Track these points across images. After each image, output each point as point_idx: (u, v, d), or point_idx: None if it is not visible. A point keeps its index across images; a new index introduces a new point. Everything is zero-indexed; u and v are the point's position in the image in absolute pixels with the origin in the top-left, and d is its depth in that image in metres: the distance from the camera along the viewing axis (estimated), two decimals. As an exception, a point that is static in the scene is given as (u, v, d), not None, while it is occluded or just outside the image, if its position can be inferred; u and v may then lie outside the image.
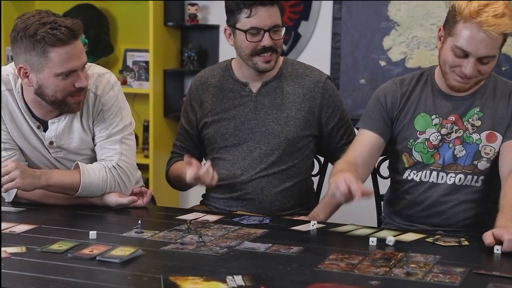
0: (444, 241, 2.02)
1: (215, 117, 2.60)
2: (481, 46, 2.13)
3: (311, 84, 2.58)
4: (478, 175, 2.28)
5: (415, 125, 2.33)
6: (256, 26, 2.45)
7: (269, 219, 2.27)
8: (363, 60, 4.05)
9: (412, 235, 2.08)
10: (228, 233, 2.07)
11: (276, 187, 2.57)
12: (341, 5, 4.09)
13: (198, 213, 2.33)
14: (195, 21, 4.32)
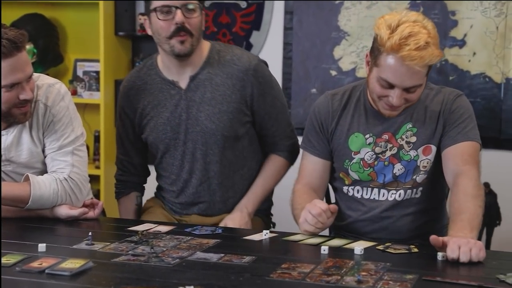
0: (394, 249, 2.04)
1: (150, 122, 2.56)
2: (405, 78, 2.12)
3: (239, 73, 2.49)
4: (417, 188, 2.31)
5: (349, 145, 2.34)
6: (167, 4, 2.37)
7: (222, 229, 2.27)
8: (314, 70, 4.08)
9: (363, 243, 2.10)
10: (180, 243, 2.06)
11: (227, 186, 2.56)
12: (292, 15, 4.12)
13: (149, 224, 2.32)
14: (146, 31, 4.29)
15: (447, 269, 1.88)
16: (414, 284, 1.72)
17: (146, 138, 2.59)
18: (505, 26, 3.68)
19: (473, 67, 3.76)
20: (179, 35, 2.40)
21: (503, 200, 3.58)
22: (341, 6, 4.00)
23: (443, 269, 1.89)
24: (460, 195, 2.11)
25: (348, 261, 1.89)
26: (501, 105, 3.72)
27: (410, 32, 2.08)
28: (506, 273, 1.79)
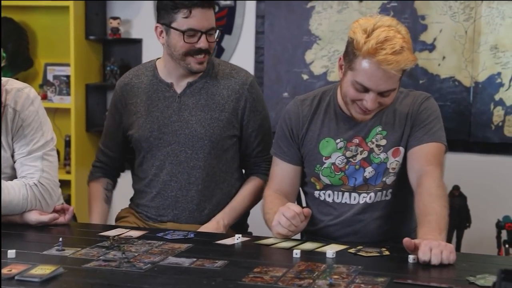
0: (366, 252, 2.05)
1: (139, 119, 2.58)
2: (381, 82, 2.14)
3: (236, 85, 2.57)
4: (387, 190, 2.33)
5: (320, 150, 2.34)
6: (194, 28, 2.45)
7: (194, 234, 2.26)
8: (286, 74, 4.09)
9: (334, 246, 2.10)
10: (152, 248, 2.05)
11: (206, 196, 2.57)
12: (264, 19, 4.13)
13: (121, 229, 2.30)
14: (117, 35, 4.28)
15: (418, 272, 1.90)
16: (385, 287, 1.73)
17: (131, 135, 2.61)
18: (473, 30, 3.72)
19: (442, 71, 3.80)
20: (199, 56, 2.49)
21: (472, 203, 3.62)
22: (312, 10, 4.01)
23: (414, 272, 1.90)
24: (425, 195, 2.13)
25: (320, 265, 1.90)
26: (470, 109, 3.76)
27: (386, 37, 2.10)
28: (475, 275, 1.81)
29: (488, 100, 3.73)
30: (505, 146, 3.73)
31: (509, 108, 3.70)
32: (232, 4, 4.20)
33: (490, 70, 3.72)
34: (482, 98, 3.74)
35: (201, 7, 2.44)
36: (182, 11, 2.44)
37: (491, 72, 3.72)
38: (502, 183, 3.71)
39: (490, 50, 3.71)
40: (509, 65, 3.68)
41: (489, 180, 3.75)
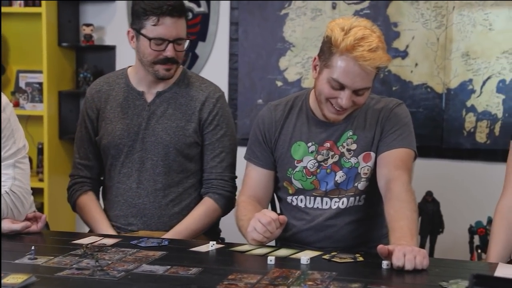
0: (340, 258, 2.06)
1: (109, 125, 2.58)
2: (357, 79, 2.17)
3: (203, 97, 2.59)
4: (359, 195, 2.34)
5: (292, 154, 2.36)
6: (162, 37, 2.45)
7: (168, 241, 2.25)
8: (260, 81, 4.10)
9: (309, 252, 2.11)
10: (126, 256, 2.04)
11: (173, 200, 2.56)
12: (238, 26, 4.13)
13: (94, 237, 2.29)
14: (90, 41, 4.25)
15: (392, 277, 1.90)
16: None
17: (99, 140, 2.60)
18: (445, 37, 3.76)
19: (415, 78, 3.83)
20: (166, 64, 2.50)
21: (445, 208, 3.65)
22: (286, 17, 4.03)
23: (388, 277, 1.91)
24: (395, 201, 2.14)
25: (294, 271, 1.90)
26: (443, 115, 3.79)
27: (363, 35, 2.15)
28: (448, 280, 1.82)
29: (460, 106, 3.77)
30: (477, 152, 3.77)
31: (481, 115, 3.74)
32: (206, 11, 4.20)
33: (461, 77, 3.76)
34: (454, 104, 3.78)
35: (170, 16, 2.44)
36: (151, 18, 2.44)
37: (462, 78, 3.76)
38: (474, 189, 3.74)
39: (461, 57, 3.75)
40: (480, 72, 3.72)
41: (462, 186, 3.78)
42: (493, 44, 3.69)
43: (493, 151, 3.72)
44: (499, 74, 3.70)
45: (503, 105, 3.70)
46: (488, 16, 3.69)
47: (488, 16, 3.69)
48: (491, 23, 3.69)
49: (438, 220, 3.63)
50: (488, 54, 3.71)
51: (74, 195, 2.65)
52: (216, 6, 4.18)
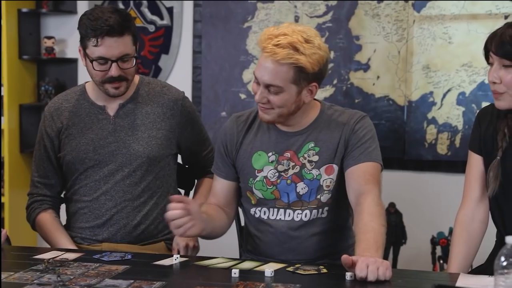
0: (304, 270, 2.06)
1: (72, 141, 2.55)
2: (264, 73, 2.20)
3: (170, 102, 2.59)
4: (322, 207, 2.34)
5: (253, 163, 2.36)
6: (104, 56, 2.42)
7: (131, 255, 2.24)
8: (223, 93, 4.10)
9: (273, 265, 2.11)
10: (88, 271, 2.02)
11: (141, 210, 2.56)
12: (201, 39, 4.14)
13: (56, 252, 2.26)
14: (52, 54, 4.22)
15: None
16: (323, 304, 1.74)
17: (64, 156, 2.57)
18: (406, 50, 3.81)
19: (377, 90, 3.87)
20: (113, 83, 2.47)
21: (408, 219, 3.69)
22: (249, 30, 4.05)
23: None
24: (364, 214, 2.15)
25: (258, 284, 1.90)
26: (405, 127, 3.84)
27: (279, 32, 2.18)
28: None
29: (421, 118, 3.82)
30: (438, 164, 3.81)
31: (442, 127, 3.79)
32: (169, 24, 4.20)
33: (422, 90, 3.81)
34: (416, 116, 3.82)
35: (110, 36, 2.39)
36: (91, 39, 2.41)
37: (423, 91, 3.81)
38: (436, 200, 3.79)
39: (422, 69, 3.80)
40: (441, 84, 3.78)
41: (424, 197, 3.83)
42: (453, 57, 3.75)
43: (454, 163, 3.76)
44: (459, 87, 3.76)
45: (463, 117, 3.76)
46: (448, 30, 3.75)
47: (447, 30, 3.75)
48: (450, 37, 3.75)
49: (400, 231, 3.67)
50: (448, 67, 3.76)
51: (33, 213, 2.61)
52: (179, 19, 4.18)
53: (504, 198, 2.23)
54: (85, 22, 2.42)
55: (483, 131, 2.27)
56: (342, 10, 3.89)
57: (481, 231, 2.31)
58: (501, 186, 2.21)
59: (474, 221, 2.30)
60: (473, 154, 2.31)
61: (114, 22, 2.39)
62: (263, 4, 4.02)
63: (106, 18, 2.39)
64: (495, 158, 2.21)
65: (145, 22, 4.24)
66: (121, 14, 2.44)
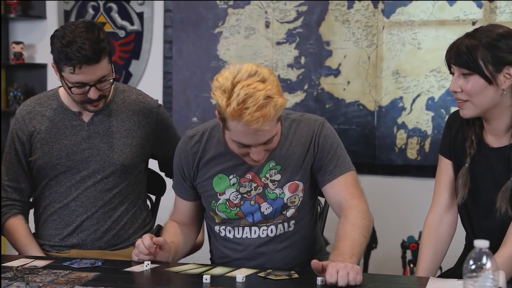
0: (276, 275, 2.06)
1: (44, 146, 2.52)
2: (258, 137, 2.07)
3: (145, 111, 2.59)
4: (289, 221, 2.30)
5: (214, 187, 2.29)
6: (81, 81, 2.39)
7: (102, 262, 2.22)
8: (194, 99, 4.10)
9: (244, 270, 2.11)
10: (58, 278, 2.00)
11: (112, 216, 2.54)
12: (172, 44, 4.13)
13: (25, 259, 2.24)
14: (20, 60, 4.18)
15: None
16: (294, 310, 1.74)
17: (35, 161, 2.53)
18: (376, 56, 3.84)
19: (347, 96, 3.89)
20: (92, 103, 2.45)
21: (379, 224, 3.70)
22: (220, 36, 4.05)
23: (323, 293, 1.93)
24: (347, 224, 2.15)
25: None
26: (375, 132, 3.86)
27: (246, 94, 1.99)
28: (382, 294, 1.85)
29: (391, 123, 3.85)
30: (408, 168, 3.85)
31: (411, 131, 3.83)
32: (140, 29, 4.19)
33: (392, 95, 3.84)
34: (386, 121, 3.85)
35: (87, 64, 2.35)
36: (67, 67, 2.36)
37: (393, 96, 3.84)
38: (406, 204, 3.81)
39: (392, 75, 3.83)
40: (410, 89, 3.81)
41: (394, 201, 3.85)
42: (422, 62, 3.79)
43: (424, 167, 3.80)
44: (428, 92, 3.79)
45: (432, 122, 3.79)
46: (417, 36, 3.79)
47: (416, 36, 3.79)
48: (419, 42, 3.79)
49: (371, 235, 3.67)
50: (417, 73, 3.80)
51: (2, 218, 2.58)
52: (149, 24, 4.17)
53: (473, 205, 2.25)
54: (58, 47, 2.36)
55: (453, 136, 2.30)
56: (313, 16, 3.92)
57: (449, 234, 2.33)
58: (470, 192, 2.23)
59: (442, 224, 2.32)
60: (443, 158, 2.33)
61: (89, 50, 2.33)
62: (234, 10, 4.03)
63: (80, 45, 2.33)
64: (464, 165, 2.23)
65: (115, 28, 4.22)
66: (94, 37, 2.36)
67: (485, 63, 2.09)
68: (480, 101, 2.13)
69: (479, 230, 2.24)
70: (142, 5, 4.19)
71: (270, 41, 3.98)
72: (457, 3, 3.73)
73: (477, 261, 1.57)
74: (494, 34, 2.11)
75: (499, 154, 2.20)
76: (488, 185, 2.21)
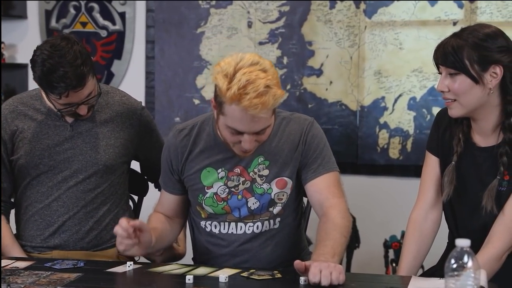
0: (259, 275, 2.06)
1: (26, 145, 2.50)
2: (253, 125, 2.09)
3: (129, 112, 2.59)
4: (274, 218, 2.32)
5: (202, 180, 2.30)
6: (69, 102, 2.39)
7: (84, 262, 2.21)
8: (177, 99, 4.09)
9: (227, 270, 2.11)
10: (40, 279, 1.99)
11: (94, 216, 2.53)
12: (154, 44, 4.12)
13: (6, 260, 2.22)
14: (1, 60, 4.15)
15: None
16: (277, 309, 1.74)
17: (17, 160, 2.52)
18: (358, 56, 3.85)
19: (330, 95, 3.90)
20: (81, 116, 2.46)
21: (361, 224, 3.72)
22: (202, 36, 4.04)
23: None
24: (328, 224, 2.15)
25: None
26: (357, 132, 3.88)
27: (247, 80, 2.02)
28: (364, 293, 1.85)
29: (373, 123, 3.86)
30: (390, 168, 3.86)
31: (393, 131, 3.84)
32: (121, 29, 4.17)
33: (374, 95, 3.85)
34: (368, 121, 3.87)
35: (74, 90, 2.34)
36: (53, 95, 2.36)
37: (375, 96, 3.85)
38: (389, 204, 3.83)
39: (374, 75, 3.85)
40: (392, 89, 3.83)
41: (376, 201, 3.87)
42: (404, 62, 3.81)
43: (406, 167, 3.82)
44: (410, 92, 3.81)
45: (414, 121, 3.81)
46: (398, 36, 3.81)
47: (398, 36, 3.81)
48: (401, 43, 3.81)
49: (354, 235, 3.69)
50: (399, 73, 3.82)
51: None
52: (131, 24, 4.16)
53: (458, 203, 2.26)
54: (39, 75, 2.33)
55: (441, 134, 2.31)
56: (295, 16, 3.92)
57: (433, 231, 2.35)
58: (455, 190, 2.24)
59: (426, 221, 2.33)
60: (430, 155, 2.34)
61: (73, 78, 2.30)
62: (216, 10, 4.03)
63: (63, 73, 2.29)
64: (451, 162, 2.25)
65: (97, 27, 4.21)
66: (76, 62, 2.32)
67: (471, 62, 2.11)
68: (467, 100, 2.15)
69: (463, 228, 2.26)
70: (124, 5, 4.17)
71: (253, 41, 3.98)
72: (438, 3, 3.75)
73: (458, 260, 1.58)
74: (480, 34, 2.12)
75: (486, 154, 2.21)
76: (474, 184, 2.22)
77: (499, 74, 2.12)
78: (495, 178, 2.17)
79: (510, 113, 2.16)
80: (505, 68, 2.12)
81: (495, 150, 2.19)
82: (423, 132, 3.76)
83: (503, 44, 2.13)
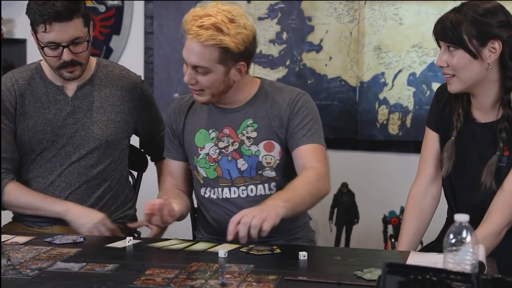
0: (258, 250, 2.07)
1: (29, 121, 2.50)
2: (191, 55, 2.21)
3: (129, 86, 2.60)
4: (269, 183, 2.34)
5: (195, 141, 2.38)
6: (54, 41, 2.37)
7: (83, 238, 2.22)
8: (176, 74, 4.07)
9: (226, 246, 2.11)
10: (39, 254, 2.00)
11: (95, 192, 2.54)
12: (153, 19, 4.10)
13: (6, 235, 2.23)
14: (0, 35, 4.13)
15: (308, 268, 1.93)
16: (276, 284, 1.75)
17: (20, 136, 2.51)
18: (358, 31, 3.83)
19: (329, 71, 3.89)
20: (67, 67, 2.43)
21: (360, 199, 3.73)
22: (201, 11, 4.01)
23: (304, 268, 1.94)
24: (298, 181, 2.17)
25: (212, 265, 1.90)
26: (357, 108, 3.87)
27: (204, 13, 2.19)
28: (363, 269, 1.86)
29: (373, 99, 3.85)
30: (389, 144, 3.86)
31: (393, 107, 3.84)
32: (120, 4, 4.14)
33: (374, 70, 3.84)
34: (367, 97, 3.86)
35: (58, 21, 2.34)
36: (40, 25, 2.36)
37: (375, 72, 3.84)
38: (388, 179, 3.83)
39: (373, 50, 3.83)
40: (392, 65, 3.81)
41: (376, 177, 3.87)
42: (404, 38, 3.79)
43: (405, 143, 3.82)
44: (410, 68, 3.80)
45: (413, 97, 3.80)
46: (398, 11, 3.78)
47: (398, 11, 3.79)
48: (401, 18, 3.79)
49: (353, 211, 3.71)
50: (398, 48, 3.80)
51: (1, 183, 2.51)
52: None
53: (457, 178, 2.27)
54: (32, 7, 2.37)
55: (441, 109, 2.31)
56: (295, -9, 3.89)
57: (432, 207, 2.35)
58: (454, 166, 2.25)
59: (426, 197, 2.34)
60: (430, 131, 2.34)
61: (61, 7, 2.34)
62: (215, -15, 4.00)
63: (53, 2, 2.33)
64: (450, 138, 2.24)
65: (96, 2, 4.18)
66: None
67: (470, 37, 2.10)
68: (466, 75, 2.14)
69: (462, 203, 2.26)
70: (123, -21, 4.14)
71: (252, 17, 3.96)
72: (439, -22, 3.73)
73: (457, 235, 1.58)
74: (480, 9, 2.11)
75: (486, 129, 2.21)
76: (473, 159, 2.22)
77: (498, 49, 2.11)
78: (495, 154, 2.17)
79: (509, 89, 2.16)
80: (504, 43, 2.11)
81: (495, 125, 2.19)
82: (423, 108, 3.75)
83: (503, 19, 2.12)
